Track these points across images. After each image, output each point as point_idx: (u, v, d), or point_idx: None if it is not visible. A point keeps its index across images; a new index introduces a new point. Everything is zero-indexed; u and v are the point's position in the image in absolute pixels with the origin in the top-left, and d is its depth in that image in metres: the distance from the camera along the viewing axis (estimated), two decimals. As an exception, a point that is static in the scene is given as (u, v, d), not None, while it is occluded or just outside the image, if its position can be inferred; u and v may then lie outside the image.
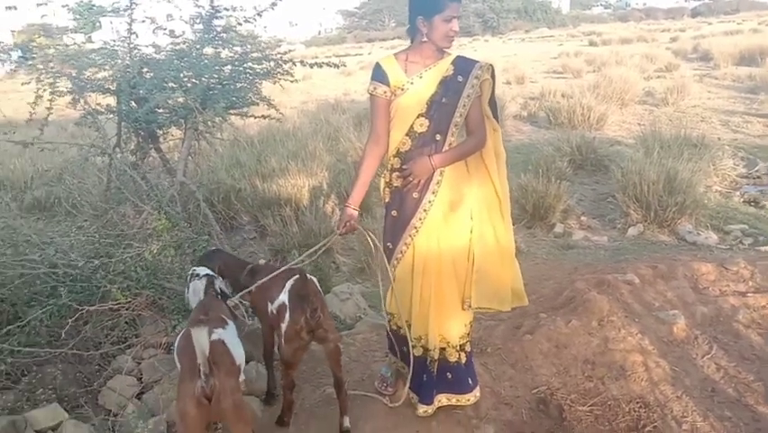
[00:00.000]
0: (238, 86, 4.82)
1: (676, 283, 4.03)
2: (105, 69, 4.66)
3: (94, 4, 4.90)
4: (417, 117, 2.67)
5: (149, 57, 4.80)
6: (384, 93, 2.68)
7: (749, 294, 3.90)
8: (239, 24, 4.89)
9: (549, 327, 3.53)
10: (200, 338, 2.05)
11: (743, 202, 6.17)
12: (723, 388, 3.07)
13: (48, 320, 3.20)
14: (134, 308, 3.35)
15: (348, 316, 4.20)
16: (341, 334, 3.13)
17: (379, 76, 2.68)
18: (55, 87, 4.37)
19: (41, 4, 4.94)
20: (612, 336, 3.44)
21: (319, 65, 4.95)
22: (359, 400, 3.07)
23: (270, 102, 5.05)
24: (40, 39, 4.86)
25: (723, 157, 7.07)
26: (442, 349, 2.87)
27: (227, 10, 4.79)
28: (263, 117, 5.18)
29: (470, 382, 2.97)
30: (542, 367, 3.28)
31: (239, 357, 2.44)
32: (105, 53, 4.63)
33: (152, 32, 4.83)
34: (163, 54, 4.81)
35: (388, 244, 2.86)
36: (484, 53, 27.08)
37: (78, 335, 3.35)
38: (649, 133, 7.73)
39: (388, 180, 2.82)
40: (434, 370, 2.88)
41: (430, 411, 2.91)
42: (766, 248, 4.95)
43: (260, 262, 4.04)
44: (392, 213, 2.82)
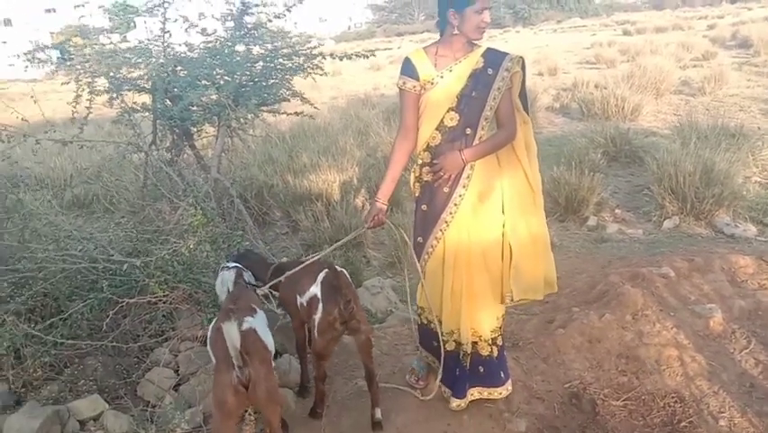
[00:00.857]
0: (270, 82, 4.87)
1: (713, 276, 3.95)
2: (140, 68, 4.75)
3: (128, 5, 5.00)
4: (447, 111, 2.66)
5: (182, 55, 4.88)
6: (413, 87, 2.68)
7: (790, 288, 3.81)
8: (269, 21, 4.93)
9: (582, 320, 3.50)
10: (230, 331, 2.10)
11: (783, 193, 5.99)
12: (762, 383, 3.01)
13: (89, 313, 3.31)
14: (171, 301, 3.43)
15: (379, 310, 4.23)
16: (372, 327, 3.15)
17: (409, 70, 2.68)
18: (93, 86, 4.48)
19: (78, 6, 5.05)
20: (646, 330, 3.40)
21: (348, 56, 4.97)
22: (390, 393, 3.10)
23: (304, 97, 5.09)
24: (76, 39, 4.98)
25: (763, 147, 6.88)
26: (474, 343, 2.87)
27: (257, 6, 4.85)
28: (296, 114, 5.22)
29: (503, 375, 2.97)
30: (574, 361, 3.26)
31: (270, 344, 2.50)
32: (139, 52, 4.72)
33: (185, 31, 4.91)
34: (196, 52, 4.89)
35: (418, 238, 2.87)
36: (515, 45, 26.79)
37: (118, 328, 3.45)
38: (685, 124, 7.56)
39: (417, 175, 2.82)
40: (467, 364, 2.89)
41: (463, 405, 2.92)
42: (808, 240, 4.81)
43: (282, 260, 4.09)
44: (422, 207, 2.82)
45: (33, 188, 4.79)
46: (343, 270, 2.84)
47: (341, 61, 5.03)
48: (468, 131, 2.67)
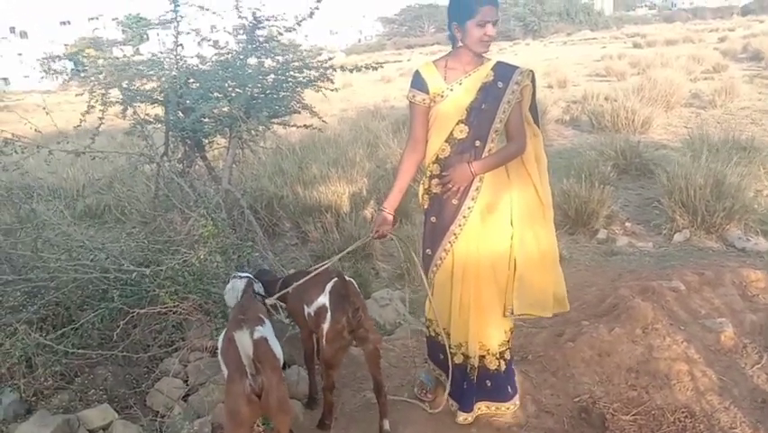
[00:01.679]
0: (281, 95, 4.91)
1: (724, 290, 3.92)
2: (152, 80, 4.81)
3: (142, 18, 5.09)
4: (457, 124, 2.67)
5: (194, 68, 4.94)
6: (423, 100, 2.70)
7: (802, 302, 3.78)
8: (280, 34, 4.98)
9: (591, 334, 3.48)
10: (243, 340, 2.12)
11: (795, 207, 5.95)
12: (774, 399, 2.98)
13: (99, 323, 3.34)
14: (181, 311, 3.45)
15: (387, 321, 4.22)
16: (380, 337, 3.16)
17: (418, 83, 2.71)
18: (106, 97, 4.54)
19: (92, 19, 5.16)
20: (657, 344, 3.37)
21: (358, 68, 5.00)
22: (399, 406, 3.09)
23: (313, 110, 5.13)
24: (89, 50, 5.05)
25: (774, 160, 6.84)
26: (481, 357, 2.87)
27: (269, 20, 4.89)
28: (306, 127, 5.26)
29: (510, 390, 2.96)
30: (584, 375, 3.24)
31: (279, 353, 2.53)
32: (152, 64, 4.78)
33: (197, 44, 4.97)
34: (208, 65, 4.94)
35: (427, 250, 2.88)
36: (525, 57, 26.84)
37: (128, 338, 3.47)
38: (696, 137, 7.52)
39: (426, 187, 2.83)
40: (474, 377, 2.88)
41: (470, 419, 2.92)
42: (821, 255, 4.76)
43: (289, 272, 4.11)
44: (431, 219, 2.83)
45: (46, 199, 4.83)
46: (352, 279, 2.85)
47: (351, 74, 5.06)
48: (477, 143, 2.68)
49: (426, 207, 2.87)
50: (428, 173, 2.81)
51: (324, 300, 2.77)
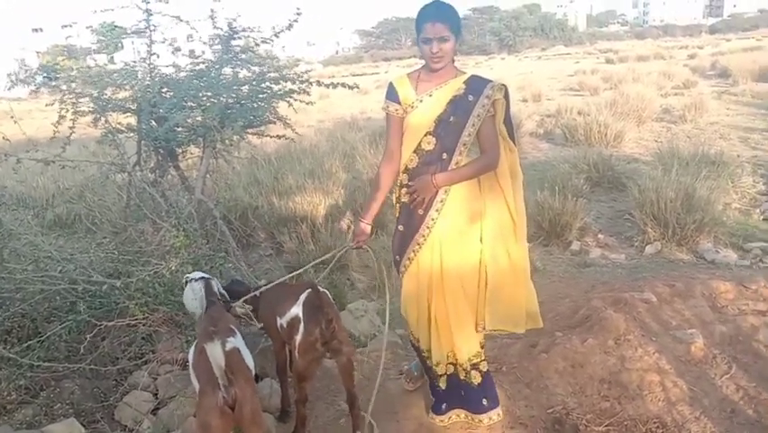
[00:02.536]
0: (255, 105, 4.88)
1: (694, 302, 3.98)
2: (126, 89, 4.75)
3: (116, 26, 5.02)
4: (425, 135, 2.70)
5: (169, 77, 4.89)
6: (396, 111, 2.74)
7: (769, 313, 3.84)
8: (256, 45, 4.97)
9: (565, 345, 3.50)
10: (214, 352, 2.09)
11: (762, 220, 6.07)
12: (743, 409, 3.02)
13: (67, 335, 3.26)
14: (151, 324, 3.39)
15: (362, 333, 4.19)
16: (354, 348, 3.14)
17: (391, 94, 2.75)
18: (77, 107, 4.47)
19: (66, 26, 5.06)
20: (629, 355, 3.40)
21: (334, 86, 5.00)
22: (373, 417, 3.06)
23: (287, 121, 5.11)
24: (64, 61, 4.98)
25: (742, 174, 6.98)
26: (452, 364, 2.90)
27: (245, 31, 4.88)
28: (279, 137, 5.24)
29: (486, 403, 2.95)
30: (557, 386, 3.25)
31: (251, 364, 2.50)
32: (126, 73, 4.72)
33: (172, 53, 4.93)
34: (183, 74, 4.90)
35: (396, 256, 2.91)
36: (500, 71, 27.16)
37: (96, 350, 3.39)
38: (667, 151, 7.67)
39: (397, 196, 2.87)
40: (440, 384, 2.93)
41: (438, 422, 2.95)
42: (787, 267, 4.87)
43: (261, 282, 4.08)
44: (399, 228, 2.87)
45: (13, 208, 4.72)
46: (326, 290, 2.83)
47: (327, 88, 5.06)
48: (444, 156, 2.71)
49: (397, 215, 2.91)
50: (399, 182, 2.84)
51: (298, 311, 2.75)
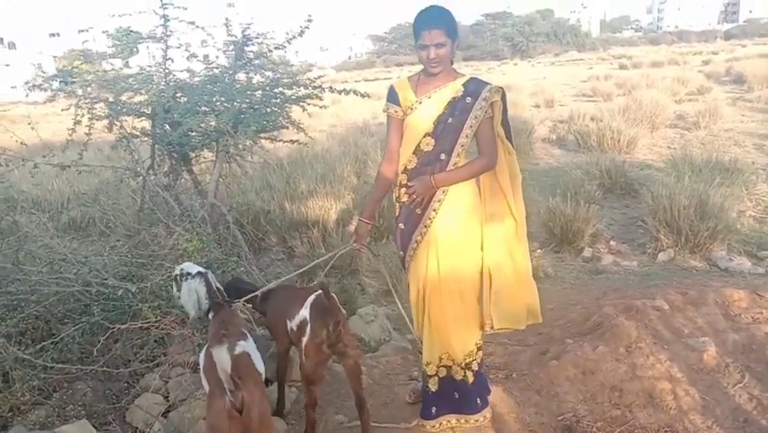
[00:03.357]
0: (268, 110, 4.91)
1: (707, 310, 3.95)
2: (140, 94, 4.80)
3: (132, 31, 5.07)
4: (424, 136, 2.76)
5: (183, 82, 4.94)
6: (395, 112, 2.82)
7: (783, 322, 3.80)
8: (270, 51, 5.00)
9: (576, 352, 3.48)
10: (220, 356, 2.11)
11: (777, 228, 6.02)
12: (756, 418, 2.99)
13: (80, 337, 3.28)
14: (163, 326, 3.41)
15: (373, 338, 4.20)
16: (361, 352, 3.15)
17: (392, 97, 2.82)
18: (93, 111, 4.52)
19: (82, 31, 5.12)
20: (640, 362, 3.38)
21: (346, 92, 5.03)
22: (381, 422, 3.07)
23: (300, 126, 5.14)
24: (81, 65, 5.04)
25: (757, 181, 6.95)
26: (447, 367, 2.93)
27: (258, 37, 4.92)
28: (292, 142, 5.27)
29: (479, 402, 3.00)
30: (568, 394, 3.24)
31: (262, 368, 2.50)
32: (141, 78, 4.77)
33: (187, 59, 4.98)
34: (197, 79, 4.94)
35: (400, 252, 2.97)
36: (513, 77, 27.10)
37: (109, 352, 3.42)
38: (680, 157, 7.63)
39: (397, 196, 2.92)
40: (429, 385, 2.96)
41: (429, 428, 2.99)
42: (802, 275, 4.82)
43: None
44: (400, 225, 2.93)
45: (30, 211, 4.78)
46: (333, 294, 2.85)
47: (339, 95, 5.08)
48: (442, 156, 2.75)
49: (397, 214, 2.95)
50: (398, 182, 2.89)
51: (305, 314, 2.77)
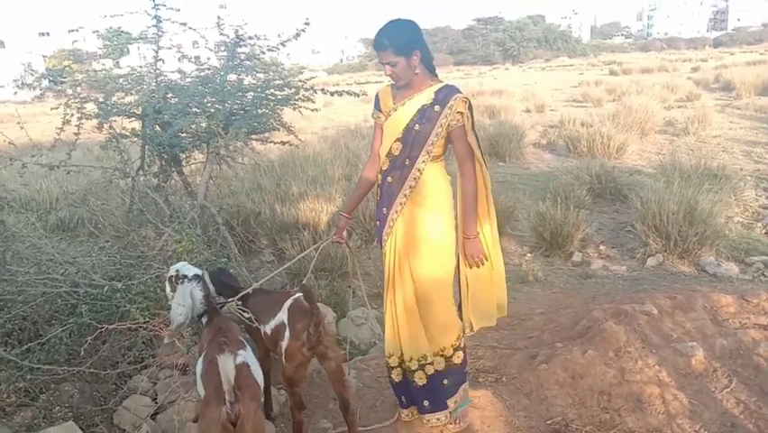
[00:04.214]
0: (260, 112, 4.91)
1: (695, 315, 3.97)
2: (131, 94, 4.78)
3: (123, 31, 5.05)
4: (395, 141, 2.83)
5: (174, 83, 4.91)
6: (378, 118, 2.93)
7: (770, 327, 3.83)
8: (262, 53, 4.99)
9: (565, 356, 3.49)
10: (226, 366, 2.06)
11: (765, 233, 6.07)
12: (743, 423, 3.01)
13: (67, 338, 3.26)
14: (152, 328, 3.38)
15: (363, 341, 4.20)
16: (343, 354, 3.14)
17: (377, 103, 2.94)
18: (82, 111, 4.49)
19: (72, 31, 5.09)
20: (629, 367, 3.39)
21: (339, 93, 5.03)
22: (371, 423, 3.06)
23: (290, 128, 5.13)
24: (72, 65, 5.00)
25: (745, 188, 7.00)
26: (401, 362, 2.98)
27: (251, 39, 4.90)
28: (282, 143, 5.26)
29: (427, 404, 3.01)
30: (557, 397, 3.25)
31: (260, 379, 2.46)
32: (132, 79, 4.75)
33: (178, 59, 4.96)
34: (188, 80, 4.93)
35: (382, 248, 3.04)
36: (504, 82, 27.22)
37: (96, 354, 3.39)
38: (669, 163, 7.68)
39: (378, 194, 3.00)
40: (393, 376, 3.04)
41: (404, 417, 3.09)
42: (789, 281, 4.86)
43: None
44: (377, 222, 3.02)
45: (17, 211, 4.73)
46: (313, 297, 2.85)
47: (331, 96, 5.08)
48: (407, 162, 2.81)
49: (376, 211, 3.04)
50: (378, 181, 2.98)
51: (283, 317, 2.77)
